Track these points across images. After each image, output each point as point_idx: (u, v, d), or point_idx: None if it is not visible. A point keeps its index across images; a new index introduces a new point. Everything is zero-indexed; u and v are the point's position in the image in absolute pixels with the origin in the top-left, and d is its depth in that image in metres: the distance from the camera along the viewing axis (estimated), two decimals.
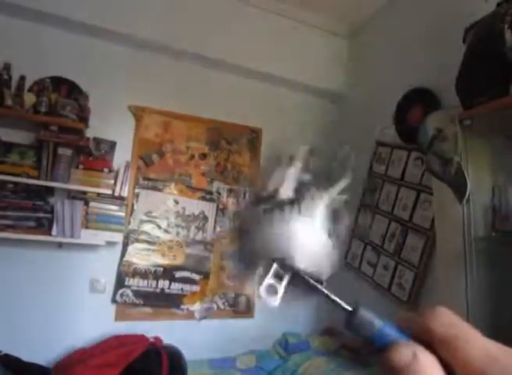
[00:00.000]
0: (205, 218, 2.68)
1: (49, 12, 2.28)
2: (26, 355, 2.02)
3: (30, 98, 2.16)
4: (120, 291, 2.39)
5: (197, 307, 2.55)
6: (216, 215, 2.71)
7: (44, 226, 2.15)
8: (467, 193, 1.50)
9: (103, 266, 2.37)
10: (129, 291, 2.40)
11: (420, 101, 2.29)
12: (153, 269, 2.48)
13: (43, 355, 2.12)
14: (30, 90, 2.22)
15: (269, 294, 0.33)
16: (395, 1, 2.68)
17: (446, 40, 2.10)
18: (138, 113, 2.58)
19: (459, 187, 1.52)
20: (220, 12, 2.74)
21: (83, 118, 2.26)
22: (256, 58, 2.81)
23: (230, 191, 2.78)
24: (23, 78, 2.21)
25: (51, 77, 2.28)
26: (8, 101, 2.08)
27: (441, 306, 0.29)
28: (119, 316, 2.37)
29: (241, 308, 2.68)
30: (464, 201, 1.52)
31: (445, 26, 2.16)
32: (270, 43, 2.88)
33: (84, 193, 2.23)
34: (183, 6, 2.62)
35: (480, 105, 1.43)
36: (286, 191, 0.37)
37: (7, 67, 2.16)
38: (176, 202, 2.62)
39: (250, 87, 2.95)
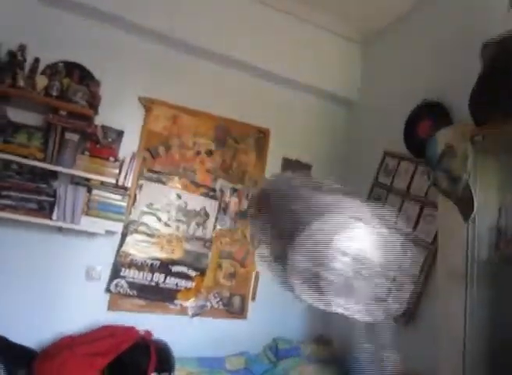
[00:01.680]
0: (206, 215, 2.66)
1: None
2: (16, 337, 2.00)
3: (42, 81, 2.15)
4: (115, 281, 2.37)
5: (190, 303, 2.53)
6: (218, 213, 2.70)
7: (45, 209, 2.14)
8: (474, 212, 1.47)
9: (100, 255, 2.36)
10: (123, 282, 2.39)
11: (430, 114, 2.27)
12: (150, 262, 2.47)
13: (32, 338, 2.09)
14: (43, 73, 2.21)
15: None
16: (411, 12, 2.66)
17: (460, 54, 2.09)
18: (148, 105, 2.57)
19: (465, 206, 1.50)
20: (236, 11, 2.74)
21: (93, 105, 2.26)
22: (269, 60, 2.80)
23: (234, 190, 2.77)
24: (37, 60, 2.20)
25: (64, 62, 2.28)
26: (21, 83, 2.07)
27: None
28: (112, 306, 2.36)
29: (235, 309, 2.66)
30: (470, 220, 1.50)
31: (459, 40, 2.15)
32: (284, 45, 2.86)
33: (88, 180, 2.23)
34: (199, 3, 2.62)
35: (494, 120, 1.41)
36: None
37: (22, 48, 2.16)
38: (179, 197, 2.61)
39: (260, 88, 2.94)
